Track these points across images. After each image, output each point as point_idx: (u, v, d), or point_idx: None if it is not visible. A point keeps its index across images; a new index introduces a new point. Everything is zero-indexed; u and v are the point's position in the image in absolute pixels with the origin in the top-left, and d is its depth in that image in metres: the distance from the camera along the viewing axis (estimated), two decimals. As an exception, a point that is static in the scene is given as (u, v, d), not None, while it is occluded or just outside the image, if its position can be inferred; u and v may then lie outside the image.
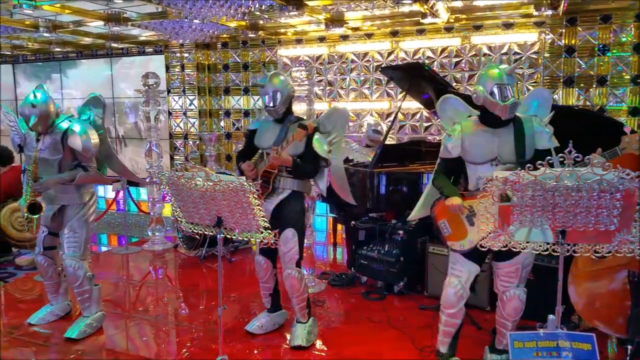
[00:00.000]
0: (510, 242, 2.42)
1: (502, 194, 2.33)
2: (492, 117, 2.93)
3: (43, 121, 3.77)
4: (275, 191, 3.65)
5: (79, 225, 3.92)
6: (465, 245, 3.00)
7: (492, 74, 2.89)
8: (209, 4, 5.10)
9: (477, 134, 2.99)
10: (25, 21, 6.44)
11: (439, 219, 3.09)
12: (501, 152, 2.92)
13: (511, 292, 3.05)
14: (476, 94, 2.91)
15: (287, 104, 3.67)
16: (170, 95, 8.05)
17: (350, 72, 7.00)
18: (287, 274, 3.67)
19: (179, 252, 6.27)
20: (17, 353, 3.74)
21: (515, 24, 6.07)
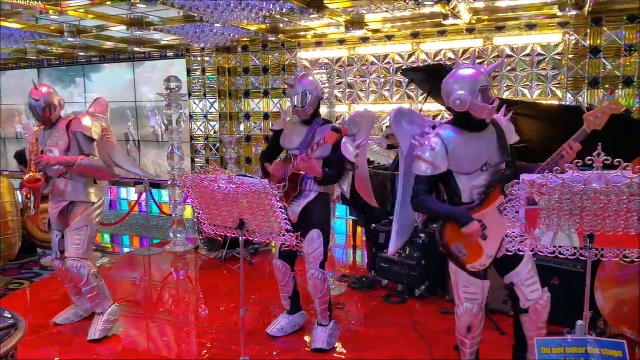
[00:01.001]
0: (537, 246, 2.37)
1: (529, 198, 2.28)
2: (475, 121, 2.77)
3: (47, 111, 3.89)
4: (302, 194, 3.65)
5: (83, 224, 3.96)
6: (486, 263, 2.81)
7: (474, 77, 2.72)
8: (230, 8, 5.13)
9: (464, 142, 2.80)
10: (51, 26, 6.56)
11: (451, 243, 2.84)
12: (490, 156, 2.80)
13: (545, 297, 2.83)
14: (460, 100, 2.70)
15: (316, 106, 3.66)
16: (192, 98, 8.12)
17: (371, 74, 6.98)
18: (311, 274, 3.66)
19: (200, 253, 6.31)
20: (41, 352, 3.80)
21: (539, 25, 5.98)
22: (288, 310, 4.03)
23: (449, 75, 2.82)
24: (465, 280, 2.88)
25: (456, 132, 2.82)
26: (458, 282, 2.93)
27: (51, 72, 9.92)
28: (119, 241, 7.91)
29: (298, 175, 3.61)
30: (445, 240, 2.85)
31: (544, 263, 3.45)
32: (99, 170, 3.97)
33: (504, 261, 2.80)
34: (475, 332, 2.94)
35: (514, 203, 2.31)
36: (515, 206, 2.32)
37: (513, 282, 2.84)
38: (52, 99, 3.92)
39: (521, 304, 2.85)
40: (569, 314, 2.87)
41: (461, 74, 2.76)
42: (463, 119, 2.79)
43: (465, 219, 2.73)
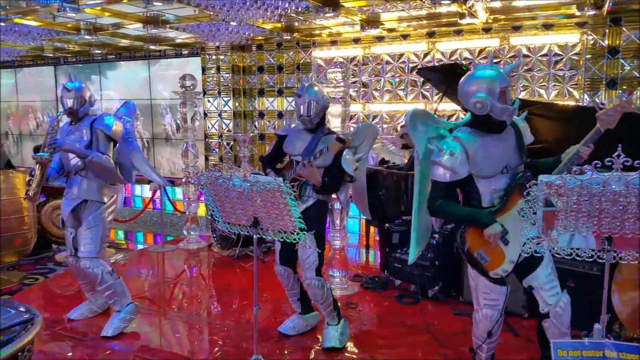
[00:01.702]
0: (554, 248, 2.34)
1: (546, 199, 2.25)
2: (495, 123, 2.70)
3: (77, 104, 3.94)
4: (300, 199, 3.67)
5: (95, 222, 3.97)
6: (508, 269, 2.73)
7: (494, 78, 2.64)
8: (246, 7, 5.13)
9: (484, 145, 2.72)
10: (68, 24, 6.62)
11: (474, 249, 2.76)
12: (510, 158, 2.73)
13: (564, 300, 2.75)
14: (480, 103, 2.62)
15: (322, 115, 3.68)
16: (206, 96, 8.15)
17: (385, 73, 6.95)
18: (308, 284, 3.66)
19: (213, 251, 6.34)
20: (55, 347, 3.84)
21: (556, 25, 5.91)
22: (299, 312, 4.03)
23: (466, 76, 2.75)
24: (486, 286, 2.81)
25: (475, 135, 2.75)
26: (478, 287, 2.86)
27: (67, 69, 10.01)
28: (133, 238, 7.97)
29: (298, 180, 3.65)
30: (467, 246, 2.78)
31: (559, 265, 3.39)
32: (108, 170, 3.95)
33: (522, 264, 2.75)
34: (494, 337, 2.89)
35: (532, 204, 2.28)
36: (532, 207, 2.28)
37: (532, 286, 2.79)
38: (83, 93, 3.98)
39: (541, 308, 2.80)
40: (584, 317, 2.84)
41: (480, 75, 2.69)
42: (482, 121, 2.72)
43: (488, 219, 2.68)
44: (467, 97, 2.69)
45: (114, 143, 4.06)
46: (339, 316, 3.83)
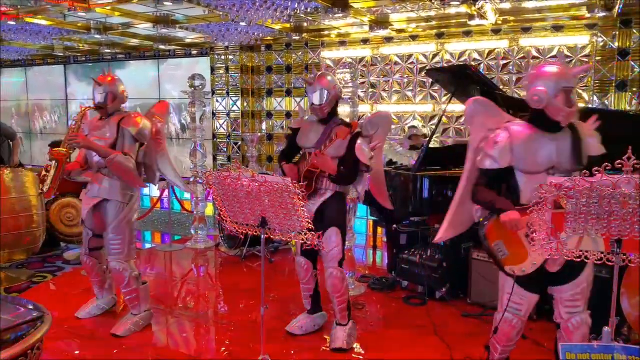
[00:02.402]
0: (563, 250, 2.32)
1: (555, 201, 2.24)
2: (550, 121, 2.64)
3: (109, 100, 3.85)
4: (317, 192, 3.65)
5: (121, 228, 3.89)
6: (527, 270, 2.65)
7: (559, 75, 2.58)
8: (255, 7, 5.15)
9: (532, 140, 2.67)
10: (78, 23, 6.66)
11: (493, 240, 2.72)
12: (560, 160, 2.64)
13: (578, 319, 2.68)
14: (537, 95, 2.58)
15: (333, 105, 3.65)
16: (214, 96, 8.18)
17: (394, 74, 6.94)
18: (330, 273, 3.65)
19: (220, 250, 6.35)
20: (63, 345, 3.85)
21: (566, 27, 5.88)
22: (308, 309, 4.03)
23: (533, 68, 2.73)
24: (510, 287, 2.74)
25: (527, 129, 2.71)
26: (504, 287, 2.80)
27: (77, 68, 10.08)
28: (141, 237, 8.00)
29: (313, 172, 3.61)
30: (486, 235, 2.75)
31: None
32: (128, 172, 3.81)
33: (554, 275, 2.68)
34: (511, 342, 2.85)
35: (541, 206, 2.27)
36: (541, 209, 2.27)
37: (553, 296, 2.75)
38: (114, 88, 3.87)
39: (555, 317, 2.78)
40: (593, 320, 2.81)
41: (546, 69, 2.63)
42: (538, 116, 2.66)
43: (507, 206, 2.64)
44: (529, 88, 2.66)
45: (141, 143, 3.96)
46: (349, 317, 3.82)
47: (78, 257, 6.13)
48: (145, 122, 3.88)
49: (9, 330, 2.25)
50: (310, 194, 3.63)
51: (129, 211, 3.93)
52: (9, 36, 7.29)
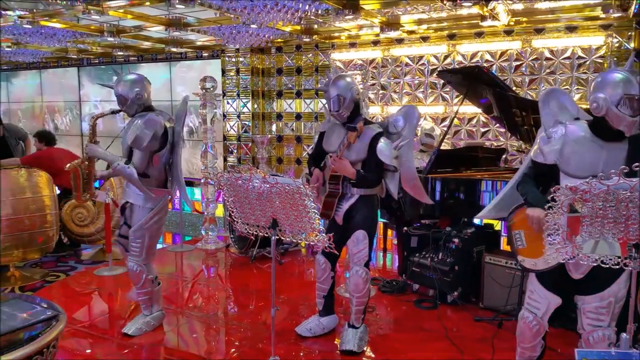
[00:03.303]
0: (578, 254, 2.29)
1: (571, 204, 2.21)
2: (608, 128, 2.52)
3: (120, 102, 3.79)
4: (344, 196, 3.61)
5: (140, 232, 3.85)
6: (538, 265, 2.65)
7: (620, 81, 2.45)
8: (266, 9, 5.15)
9: (582, 143, 2.58)
10: (91, 26, 6.71)
11: (515, 228, 2.76)
12: (607, 170, 2.39)
13: (599, 334, 2.59)
14: (597, 102, 2.48)
15: (352, 108, 3.56)
16: (225, 98, 8.20)
17: (405, 75, 6.92)
18: (355, 271, 3.61)
19: (230, 251, 6.36)
20: (75, 344, 3.88)
21: (580, 27, 5.82)
22: (320, 310, 4.01)
23: (599, 74, 2.65)
24: (532, 284, 2.75)
25: (584, 131, 2.62)
26: (528, 283, 2.81)
27: (90, 70, 10.17)
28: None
29: (338, 176, 3.57)
30: (512, 221, 2.80)
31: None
32: (131, 180, 3.73)
33: (580, 283, 2.64)
34: (525, 342, 2.79)
35: (556, 209, 2.24)
36: (556, 212, 2.24)
37: (577, 305, 2.70)
38: (126, 88, 3.74)
39: (577, 327, 2.72)
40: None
41: (608, 76, 2.54)
42: (599, 122, 2.57)
43: (534, 200, 2.63)
44: (590, 95, 2.59)
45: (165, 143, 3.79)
46: (363, 320, 3.80)
47: (91, 257, 6.21)
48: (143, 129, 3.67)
49: (24, 328, 2.27)
50: (339, 197, 3.61)
51: (151, 217, 3.84)
52: (25, 39, 7.37)
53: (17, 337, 2.23)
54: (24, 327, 2.28)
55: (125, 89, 3.78)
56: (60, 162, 6.11)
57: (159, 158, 3.79)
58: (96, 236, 6.19)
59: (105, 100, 10.00)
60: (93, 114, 4.06)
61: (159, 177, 3.86)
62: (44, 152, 6.31)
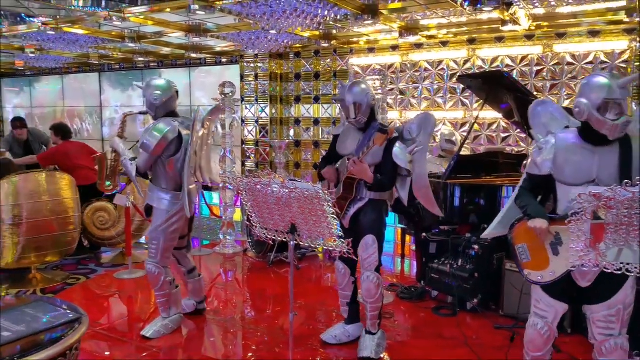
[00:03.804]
0: (602, 262, 2.25)
1: (595, 211, 2.17)
2: (595, 134, 2.53)
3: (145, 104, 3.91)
4: (355, 199, 3.61)
5: (156, 234, 3.91)
6: (545, 277, 2.63)
7: (601, 85, 2.47)
8: (285, 15, 5.18)
9: (574, 151, 2.59)
10: (113, 32, 6.82)
11: (518, 242, 2.73)
12: (601, 175, 2.52)
13: (612, 343, 2.57)
14: (579, 107, 2.51)
15: (368, 114, 3.57)
16: (243, 103, 8.25)
17: (423, 80, 6.89)
18: (366, 277, 3.60)
19: (248, 256, 6.38)
20: (94, 346, 3.92)
21: (602, 32, 5.75)
22: (345, 318, 3.97)
23: (584, 79, 2.66)
24: (538, 294, 2.72)
25: (574, 139, 2.63)
26: (533, 292, 2.78)
27: (111, 76, 10.32)
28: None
29: (354, 179, 3.57)
30: (513, 235, 2.76)
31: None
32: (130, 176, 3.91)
33: (587, 291, 2.62)
34: (536, 350, 2.75)
35: (579, 216, 2.20)
36: (580, 219, 2.21)
37: (586, 314, 2.68)
38: (148, 92, 3.84)
39: (589, 338, 2.70)
40: (634, 335, 2.72)
41: (592, 80, 2.54)
42: (585, 128, 2.58)
43: (535, 212, 2.61)
44: (575, 100, 2.60)
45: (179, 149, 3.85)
46: (379, 326, 3.77)
47: (111, 259, 6.27)
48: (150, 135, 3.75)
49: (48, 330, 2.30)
50: (351, 200, 3.61)
51: (167, 220, 3.89)
52: (48, 45, 7.52)
53: (39, 339, 2.25)
54: (47, 329, 2.30)
55: (147, 92, 3.88)
56: (75, 157, 6.21)
57: (174, 163, 3.86)
58: (117, 239, 6.25)
59: (126, 105, 10.14)
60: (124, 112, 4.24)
61: (175, 181, 3.91)
62: (60, 148, 6.38)
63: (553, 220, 2.60)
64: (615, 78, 2.50)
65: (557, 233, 2.57)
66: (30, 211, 5.08)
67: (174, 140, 3.80)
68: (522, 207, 2.75)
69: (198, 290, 4.43)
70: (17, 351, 2.12)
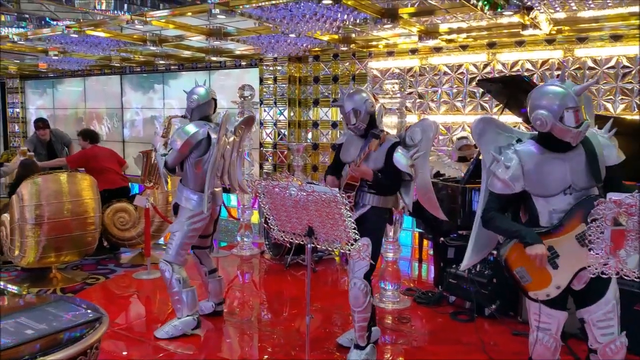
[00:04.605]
0: (623, 269, 2.22)
1: (615, 218, 2.15)
2: (558, 142, 2.54)
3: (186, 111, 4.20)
4: (356, 205, 3.61)
5: (176, 229, 4.04)
6: (551, 294, 2.57)
7: (559, 95, 2.47)
8: (305, 19, 5.21)
9: (544, 162, 2.58)
10: (134, 35, 6.92)
11: (515, 267, 2.62)
12: (575, 179, 2.54)
13: (617, 344, 2.57)
14: (540, 120, 2.49)
15: (368, 120, 3.59)
16: (262, 106, 8.30)
17: (443, 84, 6.86)
18: (353, 284, 3.54)
19: (265, 258, 6.41)
20: (112, 346, 3.97)
21: (625, 36, 5.66)
22: None
23: (534, 89, 2.63)
24: (534, 307, 2.65)
25: (537, 150, 2.62)
26: (530, 307, 2.72)
27: (132, 78, 10.46)
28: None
29: (353, 185, 3.59)
30: (508, 261, 2.65)
31: (625, 287, 3.21)
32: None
33: (580, 295, 2.61)
34: None
35: (600, 223, 2.17)
36: (600, 226, 2.18)
37: (584, 319, 2.63)
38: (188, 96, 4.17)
39: (589, 344, 2.65)
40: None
41: (547, 90, 2.54)
42: (546, 138, 2.58)
43: (532, 238, 2.53)
44: (532, 111, 2.57)
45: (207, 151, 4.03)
46: (369, 339, 3.67)
47: (130, 260, 6.36)
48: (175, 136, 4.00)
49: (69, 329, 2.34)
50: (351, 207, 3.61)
51: (190, 218, 4.03)
52: (71, 48, 7.66)
53: (60, 337, 2.29)
54: (69, 328, 2.35)
55: (188, 96, 4.19)
56: (103, 160, 6.34)
57: (201, 164, 4.03)
58: (136, 240, 6.33)
59: (147, 108, 10.27)
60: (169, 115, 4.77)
61: (203, 182, 4.02)
62: (89, 151, 6.52)
63: (542, 234, 2.55)
64: (568, 85, 2.49)
65: (551, 247, 2.53)
66: (52, 211, 5.17)
67: (202, 141, 4.00)
68: (506, 231, 2.68)
69: (218, 291, 4.47)
70: (37, 349, 2.16)
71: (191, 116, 4.14)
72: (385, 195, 3.61)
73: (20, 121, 12.30)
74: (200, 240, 4.25)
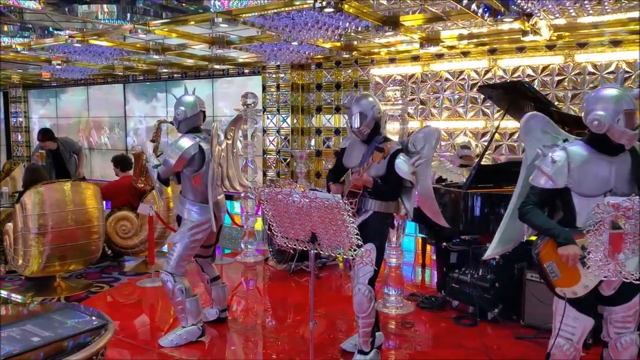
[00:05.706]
0: (622, 272, 2.23)
1: (613, 221, 2.17)
2: (611, 144, 2.58)
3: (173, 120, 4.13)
4: (358, 212, 3.64)
5: (177, 240, 4.00)
6: (578, 292, 2.59)
7: (619, 98, 2.52)
8: (307, 27, 5.25)
9: (590, 162, 2.62)
10: (137, 44, 6.98)
11: (546, 261, 2.66)
12: (618, 183, 2.58)
13: (627, 339, 2.65)
14: (598, 121, 2.52)
15: (372, 126, 3.62)
16: (265, 113, 8.34)
17: (444, 90, 6.89)
18: (358, 289, 3.53)
19: (269, 265, 6.42)
20: (117, 354, 3.98)
21: (625, 41, 5.69)
22: None
23: (591, 92, 2.68)
24: (562, 309, 2.67)
25: (586, 150, 2.66)
26: (557, 309, 2.72)
27: (135, 87, 10.53)
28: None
29: (356, 193, 3.60)
30: (540, 255, 2.69)
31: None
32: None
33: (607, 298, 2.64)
34: None
35: (598, 226, 2.20)
36: (599, 229, 2.20)
37: (604, 315, 2.69)
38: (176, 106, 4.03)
39: (602, 335, 2.73)
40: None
41: (605, 93, 2.58)
42: (599, 140, 2.61)
43: (565, 239, 2.57)
44: (588, 113, 2.61)
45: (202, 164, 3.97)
46: (373, 345, 3.67)
47: (134, 268, 6.37)
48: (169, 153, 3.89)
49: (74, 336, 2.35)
50: (354, 213, 3.63)
51: (191, 229, 3.99)
52: (74, 57, 7.72)
53: (64, 345, 2.30)
54: (74, 335, 2.36)
55: (175, 106, 4.06)
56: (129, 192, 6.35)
57: (200, 177, 3.98)
58: (139, 248, 6.35)
59: (150, 116, 10.33)
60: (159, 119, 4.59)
61: (202, 193, 4.00)
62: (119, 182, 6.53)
63: (576, 234, 2.57)
64: (626, 90, 2.54)
65: (584, 247, 2.53)
66: (56, 220, 5.18)
67: (195, 155, 3.92)
68: (540, 228, 2.72)
69: (222, 298, 4.48)
70: (42, 357, 2.17)
71: (178, 127, 4.04)
72: (386, 200, 3.64)
73: (24, 130, 12.38)
74: (202, 250, 4.24)
